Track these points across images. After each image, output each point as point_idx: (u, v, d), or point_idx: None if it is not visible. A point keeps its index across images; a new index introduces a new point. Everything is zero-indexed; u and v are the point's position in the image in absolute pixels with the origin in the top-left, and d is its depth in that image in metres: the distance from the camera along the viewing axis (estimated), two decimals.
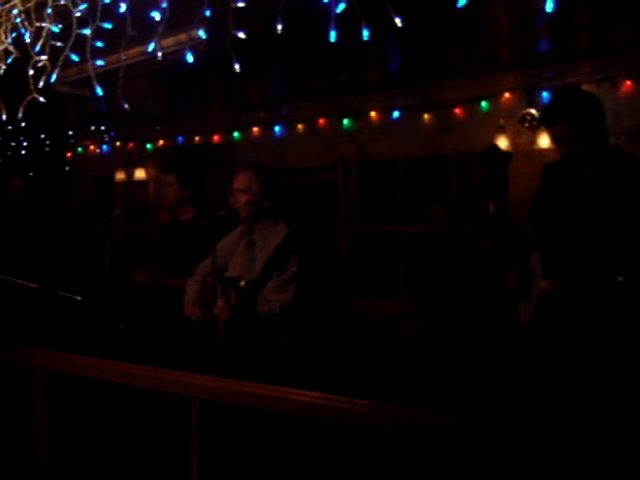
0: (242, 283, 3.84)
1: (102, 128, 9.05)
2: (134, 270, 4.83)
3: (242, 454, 3.65)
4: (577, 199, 3.40)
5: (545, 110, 3.49)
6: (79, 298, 4.93)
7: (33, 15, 4.04)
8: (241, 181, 4.16)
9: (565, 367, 3.33)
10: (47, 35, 4.03)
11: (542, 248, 3.52)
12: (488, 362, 4.89)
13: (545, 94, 6.09)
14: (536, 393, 3.40)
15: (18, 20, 4.10)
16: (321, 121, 7.38)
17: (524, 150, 6.12)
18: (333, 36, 2.92)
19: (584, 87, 5.88)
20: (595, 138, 3.36)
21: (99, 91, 4.08)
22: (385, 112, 6.97)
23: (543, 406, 3.32)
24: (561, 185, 3.50)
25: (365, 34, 2.86)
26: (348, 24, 3.28)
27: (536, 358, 3.46)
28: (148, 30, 3.84)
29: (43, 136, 9.05)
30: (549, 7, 2.81)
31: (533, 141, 6.13)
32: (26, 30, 4.08)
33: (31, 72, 4.18)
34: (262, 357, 3.85)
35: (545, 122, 3.46)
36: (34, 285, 5.13)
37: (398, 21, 2.80)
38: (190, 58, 3.82)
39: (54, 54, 4.10)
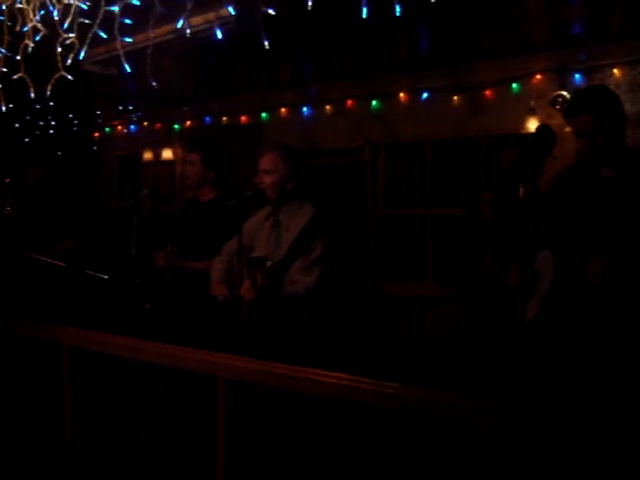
0: (269, 264, 3.83)
1: (130, 108, 9.06)
2: (155, 252, 4.84)
3: (268, 434, 3.64)
4: (596, 198, 3.39)
5: (570, 102, 3.52)
6: (106, 277, 4.94)
7: None
8: (267, 162, 4.16)
9: (581, 359, 3.32)
10: (75, 12, 4.02)
11: (552, 247, 3.50)
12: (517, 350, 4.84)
13: (577, 76, 5.99)
14: (556, 384, 3.38)
15: None
16: (349, 102, 7.32)
17: (555, 133, 6.04)
18: (365, 12, 2.87)
19: (617, 69, 5.80)
20: (616, 133, 3.37)
21: (127, 69, 4.07)
22: (414, 93, 6.90)
23: (564, 395, 3.31)
24: (578, 186, 3.49)
25: (397, 10, 2.81)
26: (378, 2, 3.24)
27: (552, 351, 3.44)
28: (177, 8, 3.82)
29: (71, 116, 9.07)
30: None
31: (564, 124, 6.03)
32: (54, 7, 4.07)
33: (59, 50, 4.18)
34: (288, 338, 3.84)
35: (569, 114, 3.45)
36: (62, 264, 5.16)
37: None
38: (219, 35, 3.80)
39: (82, 32, 4.09)
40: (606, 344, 3.28)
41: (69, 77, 4.26)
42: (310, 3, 3.09)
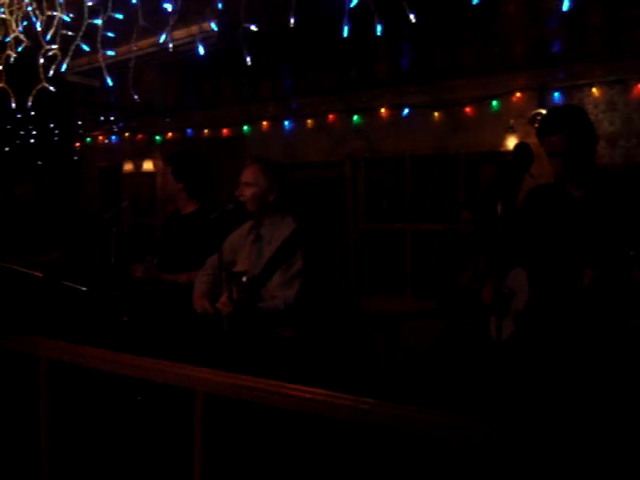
0: (244, 279, 3.84)
1: (111, 119, 9.05)
2: (134, 264, 4.84)
3: (245, 449, 3.64)
4: (567, 218, 3.42)
5: (542, 122, 3.52)
6: (84, 289, 4.92)
7: (44, 4, 4.04)
8: (248, 174, 4.17)
9: (557, 375, 3.35)
10: (58, 24, 4.03)
11: (525, 265, 3.53)
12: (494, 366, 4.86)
13: (557, 95, 6.06)
14: (532, 399, 3.40)
15: (29, 8, 4.10)
16: (331, 116, 7.36)
17: (533, 151, 6.08)
18: (346, 31, 2.90)
19: (596, 89, 5.88)
20: (588, 153, 3.40)
21: (109, 82, 4.08)
22: (395, 109, 6.95)
23: (541, 411, 3.33)
24: (548, 206, 3.52)
25: (378, 29, 2.84)
26: (360, 19, 3.27)
27: (529, 369, 3.46)
28: (159, 21, 3.84)
29: (52, 126, 9.05)
30: (565, 6, 2.79)
31: None
32: (37, 19, 4.08)
33: (41, 61, 4.19)
34: (267, 353, 3.84)
35: (543, 133, 3.46)
36: (39, 274, 5.13)
37: (412, 17, 2.78)
38: (201, 50, 3.81)
39: (65, 43, 4.10)
40: (583, 360, 3.31)
41: (51, 88, 4.27)
42: (292, 20, 3.11)
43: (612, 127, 5.81)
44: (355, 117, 7.21)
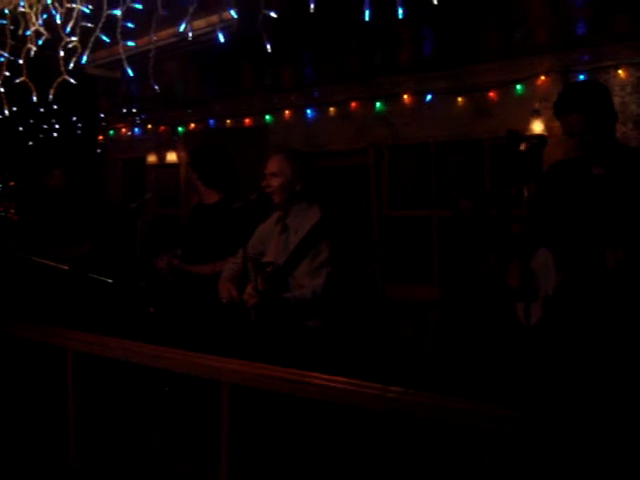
0: (268, 269, 3.83)
1: (134, 111, 9.06)
2: (158, 255, 4.85)
3: (272, 439, 3.63)
4: (587, 196, 3.37)
5: (559, 99, 3.47)
6: (110, 280, 4.94)
7: None
8: (273, 165, 4.15)
9: (582, 361, 3.30)
10: (78, 16, 4.02)
11: (549, 245, 3.47)
12: (505, 354, 4.82)
13: (582, 77, 5.97)
14: (554, 387, 3.35)
15: (49, 1, 4.09)
16: (353, 104, 7.30)
17: (559, 134, 5.98)
18: (367, 15, 2.86)
19: (622, 70, 5.78)
20: (607, 131, 3.35)
21: (130, 73, 4.07)
22: (418, 95, 6.88)
23: (563, 398, 3.29)
24: (568, 183, 3.47)
25: (400, 13, 2.80)
26: (381, 3, 3.23)
27: (554, 353, 3.41)
28: (179, 11, 3.82)
29: (75, 119, 9.08)
30: None
31: None
32: (57, 11, 4.07)
33: (62, 54, 4.19)
34: (294, 342, 3.82)
35: (559, 111, 3.41)
36: (65, 267, 5.15)
37: (434, 0, 2.74)
38: (221, 38, 3.79)
39: (85, 35, 4.10)
40: (617, 343, 3.25)
41: (72, 81, 4.27)
42: (312, 6, 3.08)
43: (639, 109, 5.71)
44: (378, 104, 7.15)
